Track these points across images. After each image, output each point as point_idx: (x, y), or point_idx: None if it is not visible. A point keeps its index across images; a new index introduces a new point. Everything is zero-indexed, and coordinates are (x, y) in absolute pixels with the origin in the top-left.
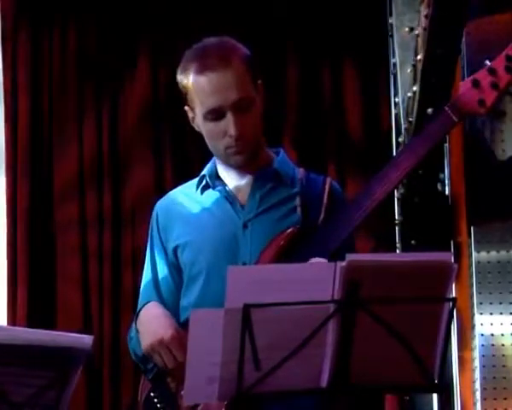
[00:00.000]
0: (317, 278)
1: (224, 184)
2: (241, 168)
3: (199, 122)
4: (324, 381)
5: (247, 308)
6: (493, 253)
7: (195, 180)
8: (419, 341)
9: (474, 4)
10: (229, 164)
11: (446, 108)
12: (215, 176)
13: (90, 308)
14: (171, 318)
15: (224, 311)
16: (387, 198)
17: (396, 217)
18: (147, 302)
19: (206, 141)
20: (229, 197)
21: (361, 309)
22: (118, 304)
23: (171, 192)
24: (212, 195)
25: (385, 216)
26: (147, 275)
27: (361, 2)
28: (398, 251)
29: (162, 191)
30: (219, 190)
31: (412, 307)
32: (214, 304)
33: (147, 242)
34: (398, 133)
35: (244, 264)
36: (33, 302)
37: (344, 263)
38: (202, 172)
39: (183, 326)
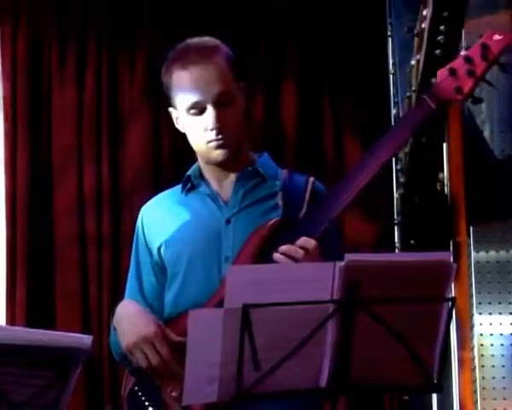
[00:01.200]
0: (317, 277)
1: (208, 184)
2: (222, 166)
3: (182, 120)
4: (324, 381)
5: (247, 308)
6: (492, 253)
7: (180, 184)
8: (418, 341)
9: (473, 4)
10: (211, 162)
11: (425, 97)
12: (199, 176)
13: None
14: (150, 313)
15: (224, 311)
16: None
17: (395, 217)
18: None
19: (190, 140)
20: (212, 195)
21: (360, 309)
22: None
23: (156, 196)
24: (196, 195)
25: (385, 216)
26: (131, 279)
27: (361, 3)
28: (397, 251)
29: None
30: (203, 190)
31: (411, 306)
32: (195, 296)
33: None
34: None
35: (227, 258)
36: (32, 292)
37: (343, 263)
38: (187, 173)
39: (165, 323)
